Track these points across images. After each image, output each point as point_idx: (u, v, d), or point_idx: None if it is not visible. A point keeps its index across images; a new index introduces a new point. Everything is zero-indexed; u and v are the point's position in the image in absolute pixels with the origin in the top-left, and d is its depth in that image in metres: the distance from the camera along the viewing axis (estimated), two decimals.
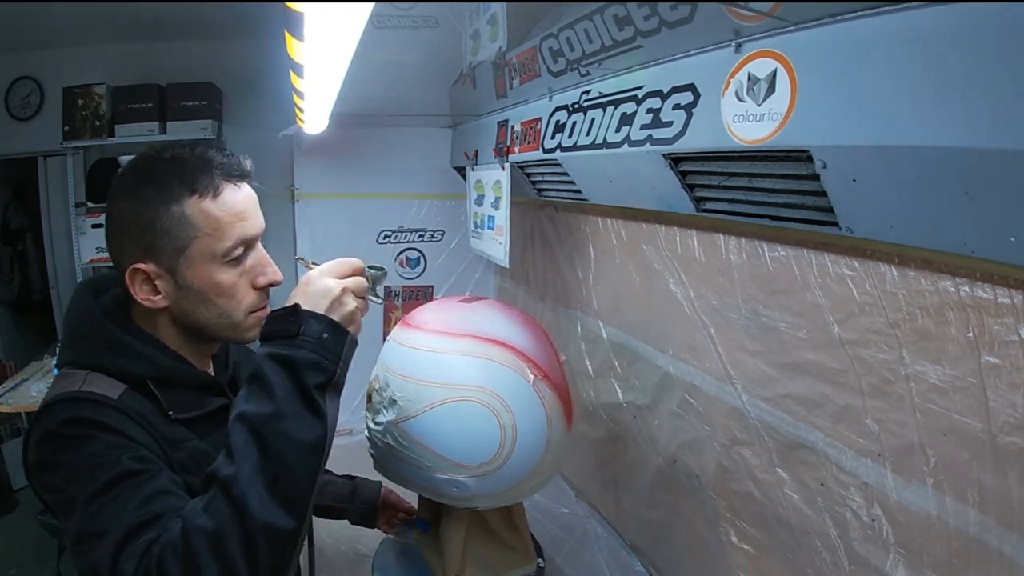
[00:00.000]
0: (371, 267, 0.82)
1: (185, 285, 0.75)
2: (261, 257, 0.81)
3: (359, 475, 1.28)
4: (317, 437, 0.66)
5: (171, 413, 0.75)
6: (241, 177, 0.79)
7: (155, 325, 0.79)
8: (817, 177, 0.74)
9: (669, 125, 0.95)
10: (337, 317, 0.70)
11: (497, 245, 1.62)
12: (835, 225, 0.78)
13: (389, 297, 2.34)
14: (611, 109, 1.11)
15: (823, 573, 0.95)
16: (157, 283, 0.75)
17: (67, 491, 0.66)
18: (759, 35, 0.77)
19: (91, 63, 2.67)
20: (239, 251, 0.77)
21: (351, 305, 0.73)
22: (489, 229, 1.68)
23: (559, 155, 1.32)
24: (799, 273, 0.95)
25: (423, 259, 2.36)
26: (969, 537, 0.73)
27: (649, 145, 1.00)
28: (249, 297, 0.80)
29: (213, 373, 0.88)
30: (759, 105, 0.77)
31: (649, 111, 1.00)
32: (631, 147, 1.05)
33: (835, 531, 0.93)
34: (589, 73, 1.17)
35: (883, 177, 0.66)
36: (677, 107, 0.93)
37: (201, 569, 0.58)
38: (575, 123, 1.24)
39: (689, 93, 0.90)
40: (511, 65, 1.43)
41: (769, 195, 0.87)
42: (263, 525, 0.60)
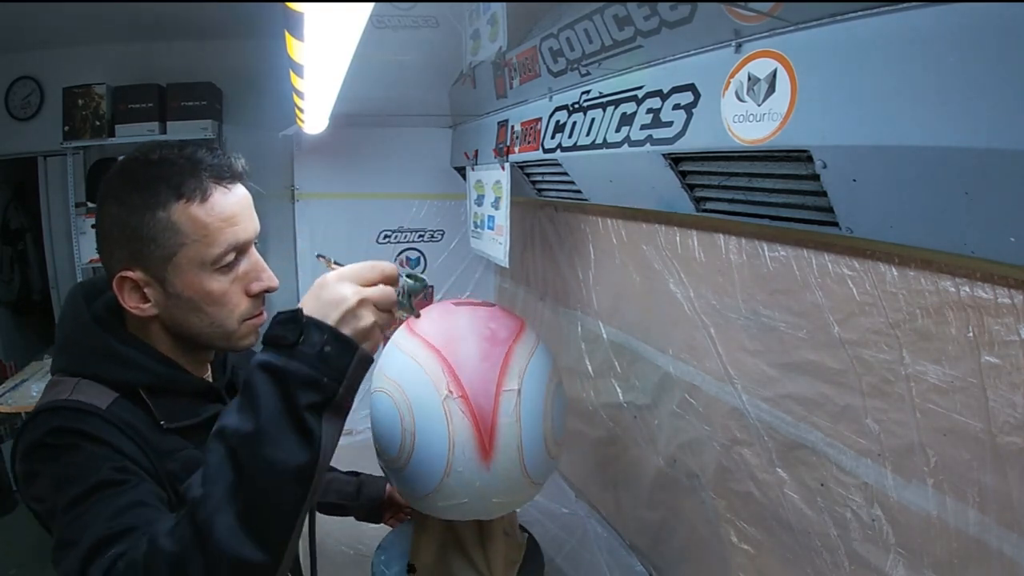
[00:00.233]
0: (410, 276, 0.71)
1: (174, 293, 0.72)
2: (255, 262, 0.76)
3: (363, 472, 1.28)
4: (302, 464, 0.57)
5: (163, 423, 0.72)
6: (232, 179, 0.74)
7: (148, 331, 0.77)
8: (817, 177, 0.74)
9: (669, 125, 0.95)
10: (348, 331, 0.61)
11: (497, 245, 1.62)
12: (835, 225, 0.78)
13: None
14: (611, 109, 1.11)
15: (823, 573, 0.95)
16: (146, 291, 0.72)
17: (49, 500, 0.64)
18: (759, 35, 0.77)
19: (91, 63, 2.66)
20: (230, 257, 0.73)
21: (367, 320, 0.62)
22: (489, 229, 1.68)
23: (559, 155, 1.32)
24: (799, 273, 0.95)
25: (423, 259, 2.36)
26: (969, 537, 0.73)
27: (649, 145, 1.00)
28: (243, 305, 0.75)
29: (211, 378, 0.85)
30: (759, 105, 0.77)
31: (649, 111, 1.00)
32: (631, 147, 1.05)
33: (835, 531, 0.93)
34: (589, 73, 1.17)
35: (883, 177, 0.66)
36: (677, 107, 0.93)
37: None
38: (575, 123, 1.24)
39: (689, 93, 0.90)
40: (511, 65, 1.43)
41: (769, 195, 0.87)
42: (230, 557, 0.54)
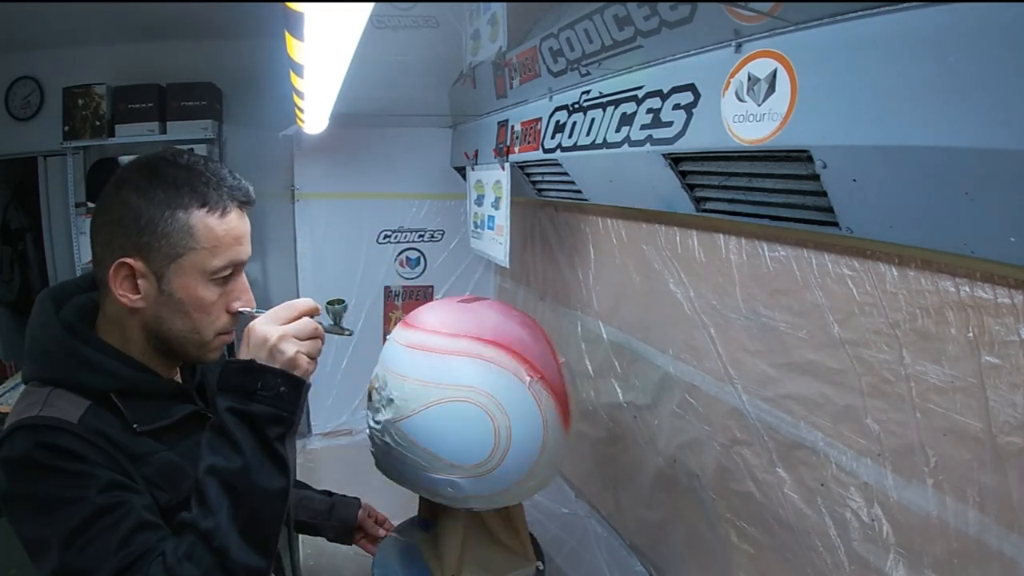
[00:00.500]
0: (330, 303, 0.85)
1: (168, 292, 0.76)
2: (241, 283, 0.83)
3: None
4: (283, 486, 0.72)
5: (136, 426, 0.75)
6: (247, 203, 0.81)
7: (123, 331, 0.79)
8: (817, 177, 0.74)
9: (669, 125, 0.95)
10: (278, 365, 0.73)
11: (497, 245, 1.62)
12: (835, 225, 0.78)
13: (390, 297, 2.34)
14: (611, 109, 1.11)
15: (823, 573, 0.95)
16: (140, 282, 0.75)
17: (37, 526, 0.67)
18: (759, 35, 0.77)
19: (91, 63, 2.66)
20: (227, 272, 0.79)
21: (290, 352, 0.74)
22: (489, 229, 1.68)
23: (559, 155, 1.32)
24: (799, 273, 0.95)
25: (423, 259, 2.36)
26: (969, 537, 0.73)
27: (649, 145, 1.00)
28: (222, 319, 0.81)
29: (180, 380, 0.88)
30: (759, 105, 0.77)
31: (649, 111, 1.00)
32: (631, 147, 1.05)
33: (835, 531, 0.93)
34: (589, 73, 1.17)
35: (883, 177, 0.66)
36: (677, 107, 0.93)
37: None
38: (575, 123, 1.24)
39: (689, 93, 0.90)
40: (511, 65, 1.43)
41: (769, 195, 0.87)
42: (242, 566, 0.68)
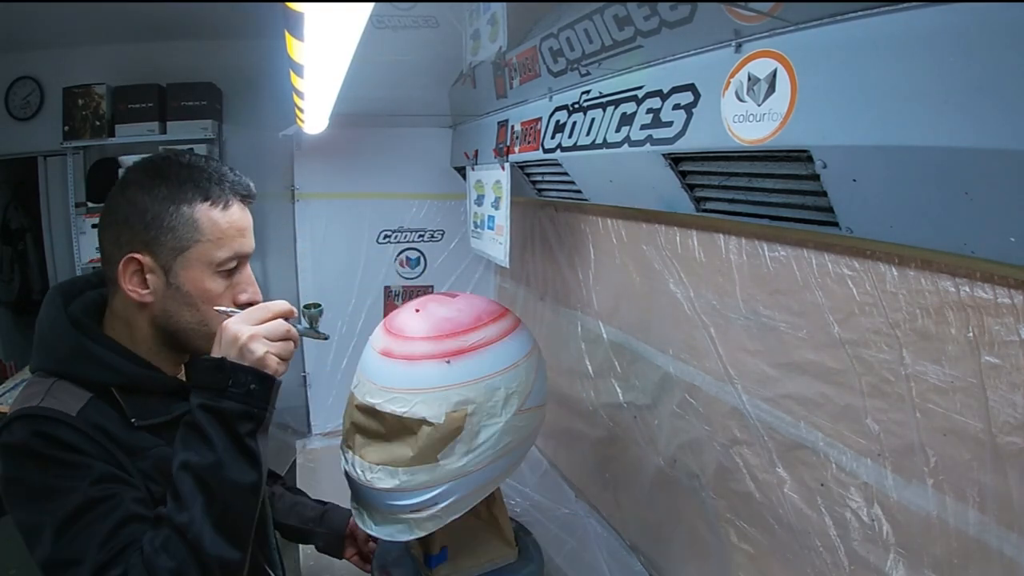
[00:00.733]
0: (307, 306, 0.87)
1: (175, 285, 0.80)
2: (248, 275, 0.86)
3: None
4: (255, 480, 0.75)
5: (134, 420, 0.77)
6: (249, 198, 0.85)
7: (131, 326, 0.82)
8: (817, 177, 0.74)
9: (669, 125, 0.95)
10: (247, 363, 0.75)
11: (497, 245, 1.62)
12: (835, 225, 0.78)
13: (390, 297, 2.34)
14: (611, 109, 1.11)
15: (823, 573, 0.95)
16: (148, 277, 0.79)
17: (31, 513, 0.70)
18: (759, 35, 0.77)
19: (91, 63, 2.67)
20: (232, 264, 0.82)
21: (259, 351, 0.76)
22: (489, 229, 1.68)
23: (559, 155, 1.32)
24: (799, 273, 0.95)
25: (423, 259, 2.36)
26: (969, 537, 0.73)
27: (649, 145, 1.00)
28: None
29: (185, 378, 0.89)
30: (759, 105, 0.77)
31: (649, 111, 1.00)
32: (631, 147, 1.05)
33: (835, 531, 0.93)
34: (589, 73, 1.17)
35: (883, 177, 0.66)
36: (677, 107, 0.93)
37: None
38: (575, 123, 1.24)
39: (689, 93, 0.90)
40: (511, 65, 1.43)
41: (769, 195, 0.87)
42: (216, 558, 0.71)
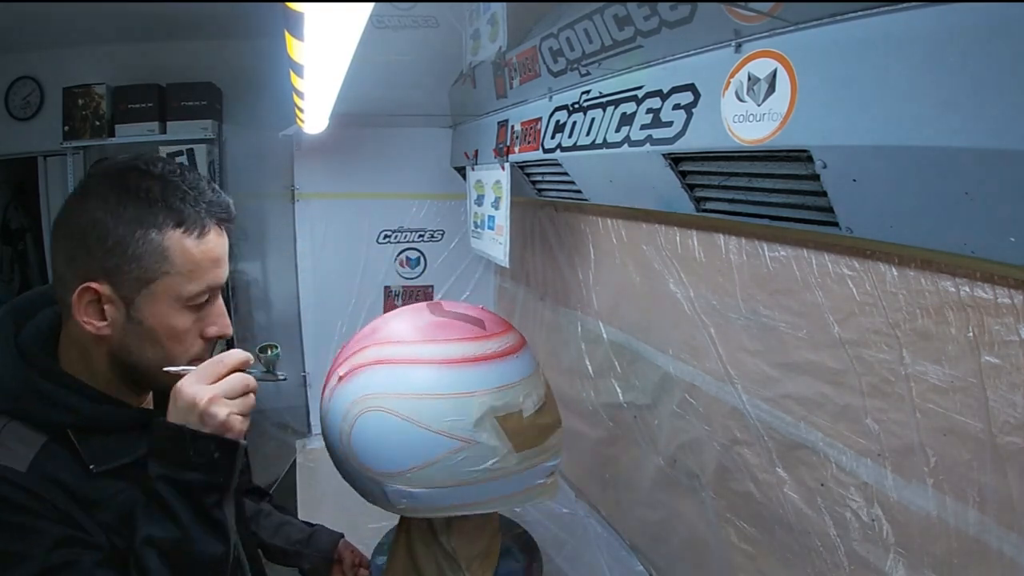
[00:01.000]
0: (261, 350, 0.81)
1: (137, 320, 0.70)
2: (218, 307, 0.77)
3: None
4: (223, 551, 0.70)
5: (92, 467, 0.69)
6: (228, 221, 0.75)
7: (87, 357, 0.73)
8: (817, 177, 0.74)
9: (669, 125, 0.95)
10: (208, 430, 0.68)
11: (497, 245, 1.62)
12: (835, 225, 0.78)
13: (390, 297, 2.34)
14: (611, 109, 1.11)
15: (823, 573, 0.95)
16: (106, 308, 0.69)
17: None
18: (759, 35, 0.77)
19: (91, 63, 2.67)
20: (204, 297, 0.73)
21: (221, 415, 0.69)
22: (489, 229, 1.68)
23: (559, 155, 1.32)
24: (799, 273, 0.95)
25: (423, 259, 2.36)
26: (969, 537, 0.73)
27: (649, 145, 1.00)
28: (196, 347, 0.76)
29: (153, 403, 0.82)
30: (759, 105, 0.77)
31: (649, 111, 1.00)
32: (631, 147, 1.05)
33: (835, 531, 0.93)
34: (589, 73, 1.17)
35: (883, 177, 0.66)
36: (677, 107, 0.93)
37: None
38: (575, 123, 1.24)
39: (689, 93, 0.90)
40: (511, 65, 1.43)
41: (769, 195, 0.87)
42: None
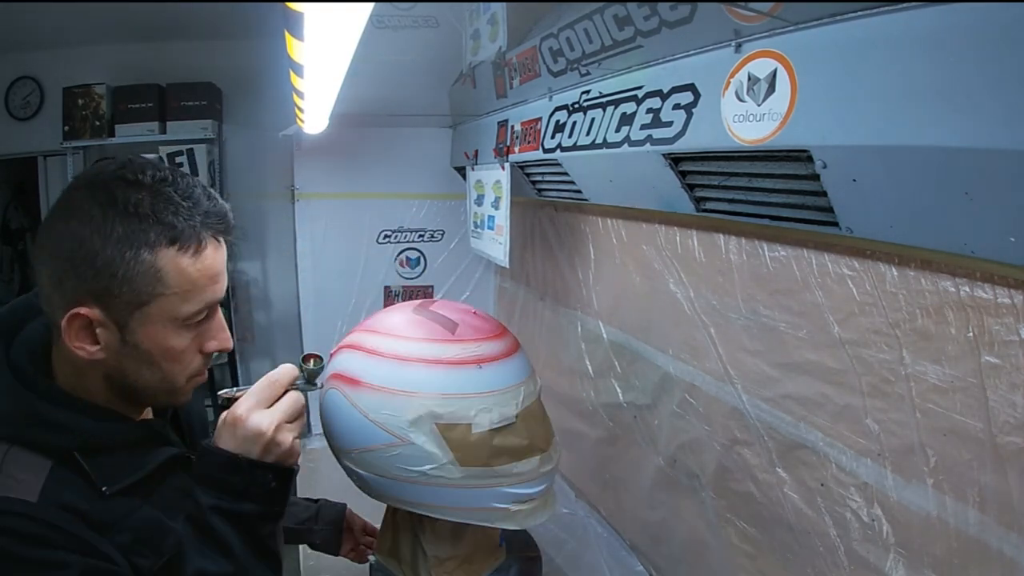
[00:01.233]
0: (306, 358, 0.79)
1: (132, 343, 0.65)
2: (218, 320, 0.73)
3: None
4: None
5: (104, 489, 0.65)
6: (226, 232, 0.69)
7: (83, 374, 0.68)
8: (817, 177, 0.74)
9: (669, 125, 0.95)
10: (271, 459, 0.68)
11: (497, 245, 1.62)
12: (835, 225, 0.78)
13: (390, 297, 2.34)
14: (611, 109, 1.11)
15: (823, 573, 0.95)
16: (99, 331, 0.64)
17: None
18: (759, 35, 0.77)
19: (91, 63, 2.66)
20: (202, 316, 0.69)
21: (287, 442, 0.68)
22: (489, 229, 1.68)
23: (559, 155, 1.32)
24: (799, 273, 0.95)
25: (423, 259, 2.36)
26: (969, 537, 0.73)
27: (649, 145, 1.00)
28: (195, 362, 0.72)
29: (152, 413, 0.78)
30: (759, 105, 0.77)
31: (649, 111, 1.00)
32: (631, 147, 1.05)
33: (835, 531, 0.93)
34: (589, 73, 1.17)
35: (883, 177, 0.66)
36: (677, 107, 0.93)
37: None
38: (575, 123, 1.24)
39: (689, 93, 0.90)
40: (511, 65, 1.43)
41: (769, 195, 0.87)
42: None
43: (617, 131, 1.09)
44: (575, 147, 1.24)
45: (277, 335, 2.85)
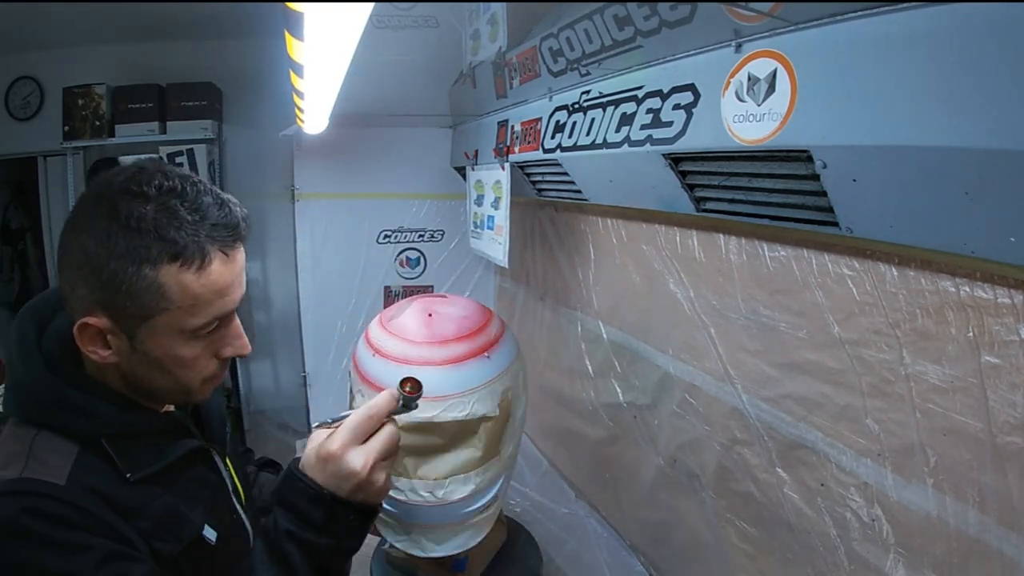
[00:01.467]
0: (402, 385, 0.75)
1: (142, 351, 0.66)
2: (233, 328, 0.71)
3: None
4: None
5: (129, 476, 0.66)
6: (236, 241, 0.67)
7: (102, 371, 0.69)
8: (817, 177, 0.74)
9: (669, 125, 0.95)
10: (361, 497, 0.68)
11: (497, 245, 1.62)
12: (835, 225, 0.78)
13: (390, 297, 2.34)
14: (611, 109, 1.11)
15: (823, 573, 0.95)
16: (109, 338, 0.65)
17: None
18: (759, 35, 0.77)
19: (91, 63, 2.67)
20: (212, 327, 0.68)
21: (380, 481, 0.68)
22: (489, 229, 1.68)
23: (559, 155, 1.32)
24: (799, 273, 0.95)
25: (423, 259, 2.36)
26: (969, 537, 0.73)
27: (649, 145, 1.00)
28: (210, 367, 0.71)
29: (173, 407, 0.79)
30: (759, 105, 0.77)
31: (649, 111, 1.00)
32: (631, 147, 1.05)
33: (835, 531, 0.93)
34: (589, 73, 1.17)
35: (883, 177, 0.66)
36: (677, 107, 0.93)
37: None
38: (575, 123, 1.24)
39: (689, 93, 0.90)
40: (511, 65, 1.43)
41: (769, 195, 0.87)
42: None
43: (617, 131, 1.09)
44: (575, 147, 1.24)
45: (277, 335, 2.85)
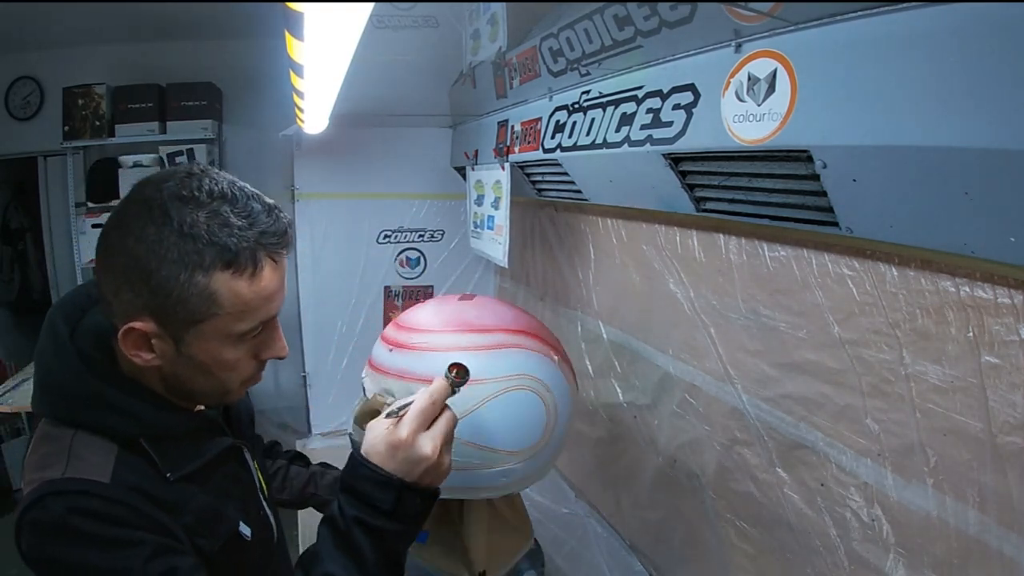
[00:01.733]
0: (449, 370, 0.77)
1: (187, 354, 0.66)
2: (274, 331, 0.73)
3: None
4: None
5: (169, 475, 0.67)
6: (284, 248, 0.68)
7: (140, 372, 0.69)
8: (817, 177, 0.74)
9: (669, 125, 0.95)
10: (428, 480, 0.70)
11: (497, 245, 1.62)
12: (835, 225, 0.78)
13: (390, 297, 2.34)
14: (611, 109, 1.11)
15: (823, 573, 0.95)
16: (154, 342, 0.65)
17: None
18: (759, 35, 0.77)
19: (91, 63, 2.67)
20: (257, 331, 0.69)
21: (447, 463, 0.71)
22: (489, 229, 1.68)
23: (559, 155, 1.32)
24: (799, 273, 0.95)
25: (423, 259, 2.36)
26: (969, 537, 0.73)
27: (649, 145, 1.00)
28: (249, 369, 0.73)
29: (205, 406, 0.80)
30: (759, 105, 0.77)
31: (649, 111, 1.00)
32: (631, 147, 1.05)
33: (835, 531, 0.93)
34: (589, 73, 1.17)
35: (883, 177, 0.66)
36: (677, 107, 0.93)
37: None
38: (575, 123, 1.24)
39: (689, 93, 0.90)
40: (511, 65, 1.43)
41: (769, 195, 0.87)
42: None
43: (617, 131, 1.09)
44: (575, 147, 1.24)
45: None
